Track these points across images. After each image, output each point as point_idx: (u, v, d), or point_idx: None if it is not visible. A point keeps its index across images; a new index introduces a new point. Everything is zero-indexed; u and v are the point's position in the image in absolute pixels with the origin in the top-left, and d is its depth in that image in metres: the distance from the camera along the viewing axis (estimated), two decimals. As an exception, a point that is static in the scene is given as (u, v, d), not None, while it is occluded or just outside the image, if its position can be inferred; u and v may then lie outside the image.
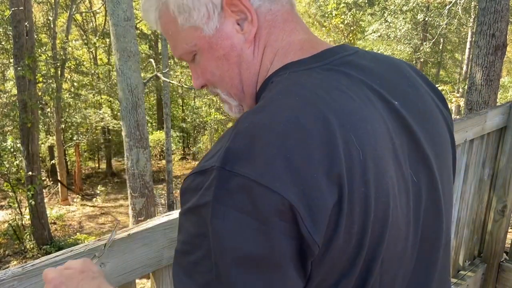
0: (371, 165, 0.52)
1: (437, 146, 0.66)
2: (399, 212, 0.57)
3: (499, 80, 4.63)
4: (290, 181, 0.47)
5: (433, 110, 0.68)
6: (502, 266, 2.32)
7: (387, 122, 0.58)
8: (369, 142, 0.53)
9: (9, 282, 0.77)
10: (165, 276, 1.05)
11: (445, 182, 0.68)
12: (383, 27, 16.56)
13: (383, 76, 0.63)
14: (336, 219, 0.49)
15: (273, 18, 0.63)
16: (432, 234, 0.65)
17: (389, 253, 0.57)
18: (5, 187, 10.67)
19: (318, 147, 0.49)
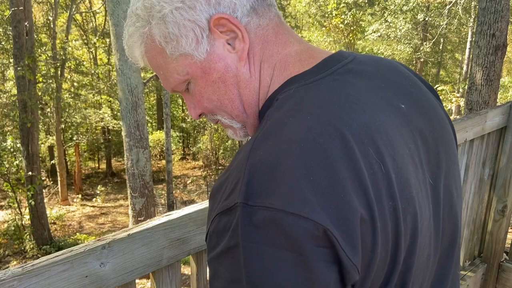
0: (393, 176, 0.51)
1: (446, 144, 0.66)
2: (424, 219, 0.56)
3: (499, 80, 4.63)
4: (319, 205, 0.44)
5: (436, 108, 0.68)
6: (502, 266, 2.32)
7: (399, 128, 0.57)
8: (388, 153, 0.52)
9: (9, 282, 0.76)
10: (165, 276, 1.06)
11: (456, 180, 0.68)
12: (383, 27, 16.58)
13: (386, 80, 0.62)
14: (372, 239, 0.48)
15: (264, 33, 0.61)
16: (448, 236, 0.65)
17: (418, 262, 0.57)
18: (5, 187, 10.67)
19: (340, 165, 0.47)
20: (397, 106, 0.59)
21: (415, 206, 0.53)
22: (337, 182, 0.46)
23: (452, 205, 0.65)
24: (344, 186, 0.46)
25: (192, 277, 1.19)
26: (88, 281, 0.88)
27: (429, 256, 0.61)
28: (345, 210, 0.45)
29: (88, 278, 0.88)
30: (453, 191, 0.66)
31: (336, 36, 17.92)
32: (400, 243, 0.51)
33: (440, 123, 0.66)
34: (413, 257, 0.54)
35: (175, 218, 1.03)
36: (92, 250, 0.87)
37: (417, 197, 0.54)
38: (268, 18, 0.62)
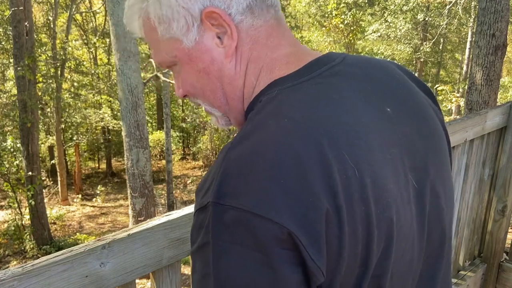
0: (368, 181, 0.51)
1: (433, 146, 0.65)
2: (404, 223, 0.56)
3: (499, 80, 4.62)
4: (286, 209, 0.45)
5: (426, 109, 0.67)
6: (502, 266, 2.32)
7: (383, 132, 0.57)
8: (364, 159, 0.52)
9: (9, 282, 0.77)
10: (165, 276, 1.06)
11: (446, 182, 0.67)
12: (383, 27, 16.58)
13: (374, 82, 0.62)
14: (339, 242, 0.48)
15: (256, 33, 0.61)
16: (436, 238, 0.65)
17: (397, 266, 0.57)
18: (5, 187, 10.67)
19: (311, 170, 0.47)
20: (383, 109, 0.59)
21: (391, 212, 0.53)
22: (306, 186, 0.46)
23: (439, 208, 0.65)
24: (313, 190, 0.46)
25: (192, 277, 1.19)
26: (88, 281, 0.88)
27: (412, 259, 0.61)
28: (312, 214, 0.46)
29: (88, 278, 0.88)
30: (441, 194, 0.65)
31: (336, 36, 17.92)
32: (371, 247, 0.51)
33: (429, 127, 0.66)
34: (388, 261, 0.54)
35: (175, 218, 1.03)
36: (92, 250, 0.87)
37: (394, 203, 0.54)
38: (263, 19, 0.61)
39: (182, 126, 21.49)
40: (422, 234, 0.62)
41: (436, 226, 0.65)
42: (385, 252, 0.53)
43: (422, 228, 0.61)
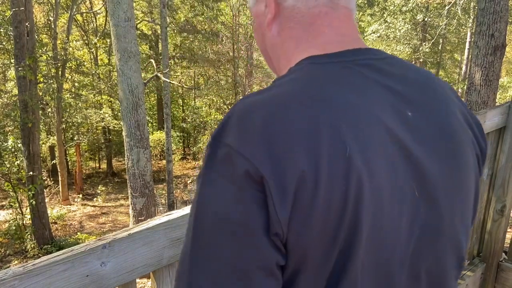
0: (358, 164, 0.51)
1: (450, 170, 0.62)
2: (385, 219, 0.55)
3: (498, 80, 4.63)
4: (266, 156, 0.49)
5: (458, 131, 0.64)
6: (501, 266, 2.32)
7: (392, 129, 0.57)
8: (361, 143, 0.53)
9: (10, 282, 0.77)
10: (166, 276, 1.06)
11: (464, 213, 0.64)
12: (383, 27, 16.56)
13: (405, 84, 0.62)
14: (308, 209, 0.49)
15: (298, 16, 0.64)
16: (429, 258, 0.62)
17: (370, 260, 0.56)
18: (6, 187, 10.67)
19: (301, 133, 0.50)
20: (403, 111, 0.59)
21: (372, 201, 0.53)
22: (291, 143, 0.49)
23: (438, 232, 0.62)
24: (296, 149, 0.49)
25: (192, 277, 1.19)
26: (89, 280, 0.88)
27: (391, 263, 0.58)
28: (287, 168, 0.49)
29: (89, 277, 0.88)
30: (444, 222, 0.62)
31: (336, 36, 17.86)
32: (342, 228, 0.51)
33: (453, 149, 0.64)
34: (355, 248, 0.53)
35: (176, 218, 1.03)
36: (92, 250, 0.88)
37: (378, 195, 0.54)
38: (308, 5, 0.63)
39: (183, 126, 21.49)
40: (408, 244, 0.59)
41: (428, 248, 0.62)
42: (352, 237, 0.52)
43: (410, 237, 0.59)
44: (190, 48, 17.52)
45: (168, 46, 11.68)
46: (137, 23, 15.77)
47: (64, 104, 14.48)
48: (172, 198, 11.32)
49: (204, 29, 17.23)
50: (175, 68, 18.97)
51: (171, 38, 17.20)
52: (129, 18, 6.14)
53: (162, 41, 10.67)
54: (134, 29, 6.33)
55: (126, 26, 6.14)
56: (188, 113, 21.36)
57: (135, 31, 6.52)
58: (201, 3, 16.45)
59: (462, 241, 0.65)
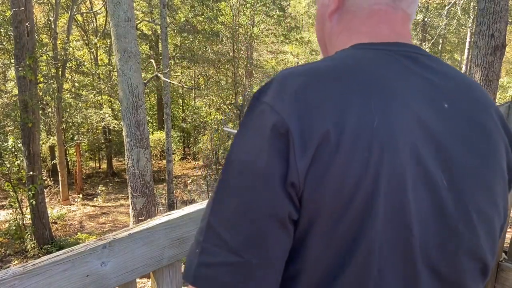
0: (384, 137, 0.53)
1: (479, 167, 0.62)
2: (408, 200, 0.55)
3: (498, 80, 4.62)
4: (295, 110, 0.53)
5: (492, 134, 0.64)
6: (501, 266, 2.32)
7: (424, 117, 0.58)
8: (388, 119, 0.55)
9: (10, 282, 0.77)
10: (166, 276, 1.06)
11: (480, 210, 0.62)
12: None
13: (444, 79, 0.64)
14: (326, 165, 0.52)
15: (357, 9, 0.68)
16: (447, 255, 0.61)
17: (391, 239, 0.55)
18: (6, 187, 10.67)
19: (333, 95, 0.54)
20: (439, 101, 0.61)
21: (397, 179, 0.54)
22: (321, 103, 0.54)
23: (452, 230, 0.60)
24: (324, 109, 0.53)
25: (192, 277, 1.19)
26: (89, 280, 0.88)
27: (411, 244, 0.57)
28: (314, 123, 0.53)
29: (89, 277, 0.88)
30: (472, 215, 0.61)
31: (336, 36, 17.85)
32: (358, 196, 0.52)
33: (485, 148, 0.63)
34: (370, 220, 0.53)
35: (176, 218, 1.04)
36: (93, 250, 0.88)
37: (401, 173, 0.54)
38: (372, 2, 0.67)
39: (183, 126, 21.49)
40: (435, 231, 0.59)
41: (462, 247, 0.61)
42: (370, 210, 0.53)
43: (436, 224, 0.58)
44: (190, 48, 17.52)
45: (168, 46, 11.68)
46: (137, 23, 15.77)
47: (64, 104, 14.48)
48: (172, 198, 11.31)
49: (204, 29, 17.22)
50: (175, 68, 18.97)
51: (171, 38, 17.20)
52: (129, 18, 6.14)
53: (162, 41, 10.67)
54: (134, 29, 6.34)
55: (126, 26, 6.14)
56: (188, 113, 21.36)
57: (135, 31, 6.52)
58: (201, 3, 16.45)
59: (482, 246, 0.63)
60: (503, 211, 0.67)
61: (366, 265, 0.55)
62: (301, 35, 20.97)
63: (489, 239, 0.64)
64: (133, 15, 6.27)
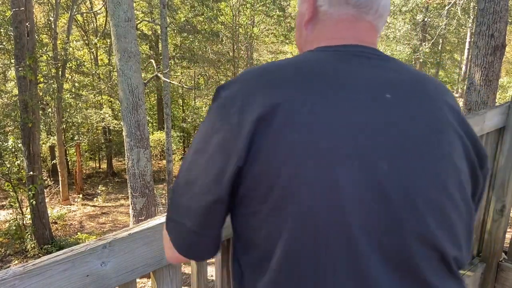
0: (311, 120, 0.60)
1: (417, 156, 0.64)
2: (335, 180, 0.59)
3: (498, 80, 4.62)
4: (238, 92, 0.64)
5: (440, 123, 0.67)
6: (501, 266, 2.32)
7: (363, 107, 0.63)
8: (321, 107, 0.61)
9: (10, 282, 0.77)
10: (166, 276, 1.06)
11: (420, 193, 0.63)
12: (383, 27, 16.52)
13: (392, 73, 0.68)
14: (263, 140, 0.60)
15: (326, 18, 0.75)
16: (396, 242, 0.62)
17: (317, 215, 0.60)
18: (6, 187, 10.68)
19: (269, 82, 0.64)
20: (381, 92, 0.65)
21: (319, 157, 0.59)
22: (259, 88, 0.63)
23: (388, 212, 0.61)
24: (261, 93, 0.62)
25: (192, 277, 1.20)
26: (89, 280, 0.89)
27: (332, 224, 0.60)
28: (252, 105, 0.61)
29: (89, 277, 0.89)
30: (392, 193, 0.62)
31: (336, 36, 17.84)
32: (281, 172, 0.59)
33: (430, 135, 0.65)
34: (289, 198, 0.60)
35: (175, 218, 1.03)
36: (93, 250, 0.88)
37: (331, 153, 0.60)
38: (338, 11, 0.73)
39: (183, 126, 21.49)
40: (372, 216, 0.60)
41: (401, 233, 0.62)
42: (292, 189, 0.59)
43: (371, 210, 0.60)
44: (190, 48, 17.52)
45: (168, 46, 11.68)
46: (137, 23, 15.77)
47: (64, 104, 14.49)
48: (172, 198, 11.30)
49: (204, 29, 17.23)
50: (175, 68, 18.97)
51: (171, 38, 17.20)
52: (129, 18, 6.15)
53: (162, 41, 10.67)
54: (134, 29, 6.34)
55: (126, 26, 6.14)
56: (188, 113, 21.36)
57: (135, 31, 6.52)
58: (201, 3, 16.45)
59: (434, 233, 0.63)
60: (464, 204, 0.68)
61: (299, 243, 0.60)
62: (301, 35, 20.92)
63: (444, 229, 0.65)
64: (133, 15, 6.27)
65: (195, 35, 16.88)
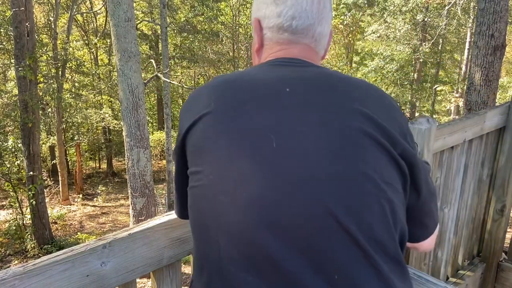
0: (218, 122, 0.75)
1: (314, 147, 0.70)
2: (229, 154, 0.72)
3: (498, 80, 4.62)
4: (182, 117, 0.82)
5: (345, 120, 0.72)
6: (501, 266, 2.32)
7: (264, 96, 0.75)
8: (230, 104, 0.75)
9: (10, 282, 0.78)
10: (166, 276, 1.06)
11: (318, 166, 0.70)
12: (383, 27, 16.56)
13: (307, 75, 0.79)
14: (190, 143, 0.79)
15: (269, 43, 0.89)
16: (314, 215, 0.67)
17: (217, 186, 0.73)
18: (6, 187, 10.68)
19: (195, 100, 0.81)
20: (284, 88, 0.76)
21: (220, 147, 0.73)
22: (188, 108, 0.82)
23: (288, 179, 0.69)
24: (188, 112, 0.81)
25: (192, 277, 1.20)
26: (89, 280, 0.89)
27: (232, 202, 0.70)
28: (184, 120, 0.80)
29: (89, 277, 0.89)
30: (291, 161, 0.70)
31: (335, 37, 17.89)
32: (194, 163, 0.79)
33: (330, 130, 0.72)
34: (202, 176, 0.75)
35: (176, 218, 1.04)
36: (93, 250, 0.88)
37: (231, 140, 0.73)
38: (277, 36, 0.88)
39: (183, 126, 21.44)
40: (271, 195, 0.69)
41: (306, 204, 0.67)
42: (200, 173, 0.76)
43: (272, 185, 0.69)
44: (190, 48, 17.52)
45: (168, 46, 11.68)
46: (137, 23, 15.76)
47: (64, 104, 14.48)
48: (172, 198, 11.31)
49: (204, 29, 17.23)
50: (175, 68, 18.97)
51: (171, 38, 17.20)
52: (129, 18, 6.15)
53: (162, 41, 10.67)
54: (134, 29, 6.34)
55: (126, 26, 6.14)
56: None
57: (135, 31, 6.52)
58: (201, 3, 16.45)
59: (333, 210, 0.67)
60: (384, 184, 0.71)
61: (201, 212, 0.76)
62: (301, 35, 20.91)
63: (350, 210, 0.68)
64: (133, 15, 6.27)
65: (195, 35, 16.88)
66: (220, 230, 0.71)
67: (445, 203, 1.90)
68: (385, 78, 18.65)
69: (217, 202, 0.72)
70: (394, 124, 0.75)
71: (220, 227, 0.71)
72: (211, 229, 0.73)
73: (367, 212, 0.69)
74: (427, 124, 1.47)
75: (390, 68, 18.14)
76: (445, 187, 1.87)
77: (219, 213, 0.71)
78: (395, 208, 0.72)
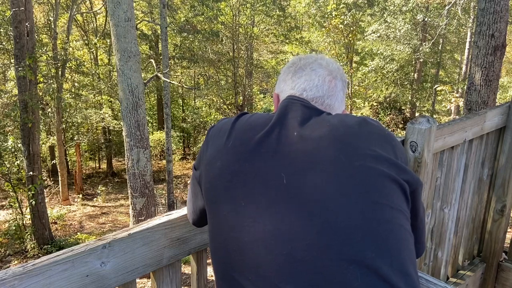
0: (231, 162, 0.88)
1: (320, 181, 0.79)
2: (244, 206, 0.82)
3: (498, 80, 4.62)
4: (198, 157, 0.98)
5: (352, 158, 0.80)
6: (502, 266, 2.32)
7: (282, 137, 0.86)
8: (238, 151, 0.87)
9: (10, 282, 0.77)
10: (166, 276, 1.06)
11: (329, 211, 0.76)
12: (383, 27, 16.56)
13: (311, 125, 0.87)
14: (205, 174, 0.92)
15: (281, 99, 1.01)
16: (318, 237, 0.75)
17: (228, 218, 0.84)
18: (6, 187, 10.67)
19: (208, 149, 0.94)
20: (291, 131, 0.88)
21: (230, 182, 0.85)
22: (204, 150, 0.95)
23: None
24: (208, 148, 0.94)
25: (192, 277, 1.20)
26: (89, 280, 0.88)
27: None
28: (202, 158, 0.94)
29: (89, 277, 0.88)
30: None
31: (335, 37, 17.90)
32: (209, 197, 0.91)
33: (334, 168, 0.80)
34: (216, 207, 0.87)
35: (175, 218, 1.04)
36: (93, 250, 0.88)
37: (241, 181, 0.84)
38: (286, 94, 1.01)
39: (183, 126, 21.49)
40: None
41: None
42: (216, 204, 0.87)
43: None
44: (190, 48, 17.53)
45: (168, 46, 11.68)
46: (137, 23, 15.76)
47: (64, 104, 14.48)
48: (172, 198, 11.30)
49: (204, 29, 17.23)
50: (175, 68, 18.98)
51: (171, 38, 17.20)
52: (129, 18, 6.15)
53: (162, 41, 10.66)
54: (134, 29, 6.33)
55: (126, 26, 6.14)
56: (188, 113, 21.37)
57: (135, 31, 6.52)
58: (201, 3, 16.46)
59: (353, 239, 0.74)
60: (386, 204, 0.78)
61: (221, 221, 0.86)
62: (301, 35, 20.97)
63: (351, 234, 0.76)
64: (133, 15, 6.27)
65: (195, 35, 16.89)
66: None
67: (445, 203, 1.90)
68: (385, 78, 18.66)
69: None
70: (397, 153, 0.85)
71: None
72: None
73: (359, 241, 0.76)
74: (427, 124, 1.47)
75: (390, 68, 18.15)
76: (445, 187, 1.86)
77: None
78: (407, 232, 0.81)
